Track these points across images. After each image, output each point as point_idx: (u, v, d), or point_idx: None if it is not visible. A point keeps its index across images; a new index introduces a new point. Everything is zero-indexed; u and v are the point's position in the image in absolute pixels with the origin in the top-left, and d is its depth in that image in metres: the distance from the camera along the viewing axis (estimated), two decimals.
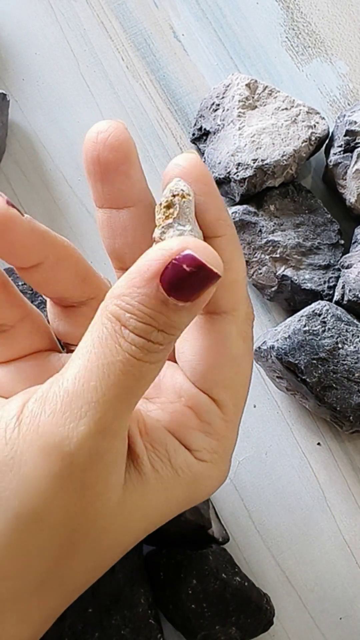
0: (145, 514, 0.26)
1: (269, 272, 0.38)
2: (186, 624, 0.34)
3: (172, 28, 0.43)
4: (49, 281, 0.28)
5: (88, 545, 0.25)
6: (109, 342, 0.24)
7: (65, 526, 0.24)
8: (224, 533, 0.37)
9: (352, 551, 0.38)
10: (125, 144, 0.26)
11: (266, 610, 0.35)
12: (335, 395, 0.36)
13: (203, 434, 0.27)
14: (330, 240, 0.39)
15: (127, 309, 0.24)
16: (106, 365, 0.24)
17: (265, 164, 0.38)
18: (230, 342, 0.27)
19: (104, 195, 0.27)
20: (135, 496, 0.25)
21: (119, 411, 0.24)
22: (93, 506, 0.24)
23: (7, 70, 0.42)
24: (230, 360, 0.27)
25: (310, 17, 0.43)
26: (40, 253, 0.27)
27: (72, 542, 0.25)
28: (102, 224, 0.28)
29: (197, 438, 0.27)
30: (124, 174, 0.26)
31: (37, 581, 0.25)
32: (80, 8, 0.43)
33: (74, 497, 0.24)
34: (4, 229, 0.26)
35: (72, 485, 0.24)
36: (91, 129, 0.26)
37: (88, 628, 0.33)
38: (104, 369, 0.24)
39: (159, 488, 0.26)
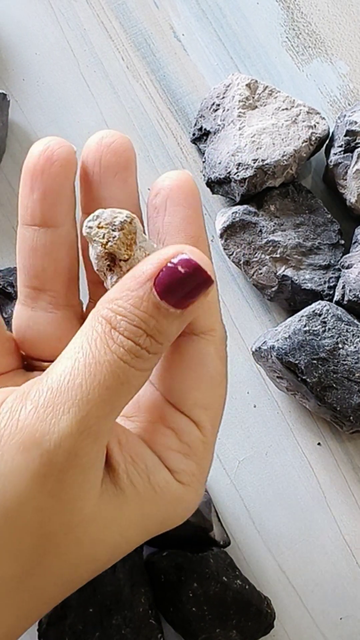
0: (120, 529, 0.25)
1: (269, 272, 0.38)
2: (186, 626, 0.34)
3: (172, 28, 0.43)
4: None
5: (61, 553, 0.24)
6: (97, 343, 0.24)
7: (37, 529, 0.24)
8: (225, 536, 0.37)
9: (352, 551, 0.38)
10: (128, 153, 0.26)
11: (267, 613, 0.35)
12: (336, 395, 0.36)
13: (182, 456, 0.26)
14: (330, 241, 0.39)
15: (119, 312, 0.24)
16: (93, 365, 0.23)
17: (265, 164, 0.38)
18: (209, 363, 0.27)
19: (96, 200, 0.27)
20: (111, 507, 0.25)
21: (102, 413, 0.23)
22: (67, 510, 0.24)
23: (7, 70, 0.42)
24: (209, 380, 0.27)
25: (310, 17, 0.43)
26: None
27: (44, 547, 0.24)
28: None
29: (177, 459, 0.26)
30: (121, 180, 0.26)
31: (9, 587, 0.24)
32: (80, 8, 0.43)
33: (49, 499, 0.23)
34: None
35: (48, 486, 0.23)
36: (96, 134, 0.26)
37: (89, 628, 0.33)
38: (91, 368, 0.23)
39: (136, 502, 0.25)
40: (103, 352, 0.23)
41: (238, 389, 0.39)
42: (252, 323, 0.40)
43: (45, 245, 0.27)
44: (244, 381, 0.39)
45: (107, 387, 0.23)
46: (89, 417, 0.23)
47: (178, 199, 0.26)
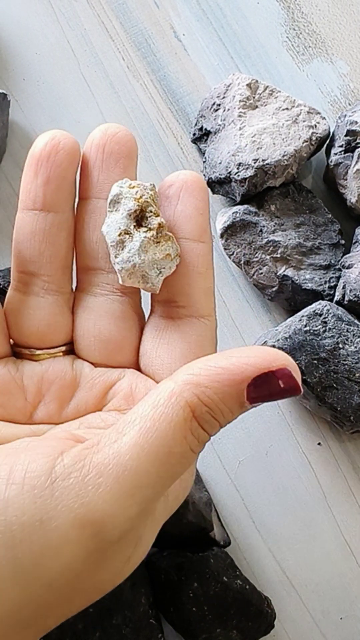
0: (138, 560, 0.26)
1: (269, 272, 0.38)
2: (187, 626, 0.34)
3: (173, 28, 0.43)
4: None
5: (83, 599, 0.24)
6: (176, 432, 0.23)
7: (70, 587, 0.23)
8: (225, 536, 0.37)
9: (353, 551, 0.38)
10: (130, 144, 0.28)
11: (267, 613, 0.35)
12: (336, 395, 0.36)
13: None
14: (331, 240, 0.39)
15: (207, 402, 0.23)
16: (165, 455, 0.23)
17: (266, 163, 0.38)
18: (206, 346, 0.28)
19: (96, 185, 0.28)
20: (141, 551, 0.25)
21: (158, 495, 0.23)
22: (103, 573, 0.24)
23: (8, 70, 0.42)
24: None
25: (310, 17, 0.43)
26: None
27: (70, 599, 0.24)
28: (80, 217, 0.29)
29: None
30: (122, 168, 0.28)
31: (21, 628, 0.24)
32: (80, 8, 0.43)
33: (91, 566, 0.23)
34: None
35: (93, 557, 0.23)
36: (101, 125, 0.28)
37: (89, 628, 0.33)
38: (162, 457, 0.23)
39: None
40: (180, 442, 0.23)
41: None
42: (253, 323, 0.40)
43: (44, 230, 0.28)
44: None
45: (172, 473, 0.23)
46: (149, 500, 0.23)
47: (192, 191, 0.28)
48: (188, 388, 0.23)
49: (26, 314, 0.29)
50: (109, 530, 0.22)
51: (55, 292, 0.29)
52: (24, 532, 0.22)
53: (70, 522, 0.22)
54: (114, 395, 0.28)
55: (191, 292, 0.28)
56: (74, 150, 0.28)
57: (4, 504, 0.22)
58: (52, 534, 0.22)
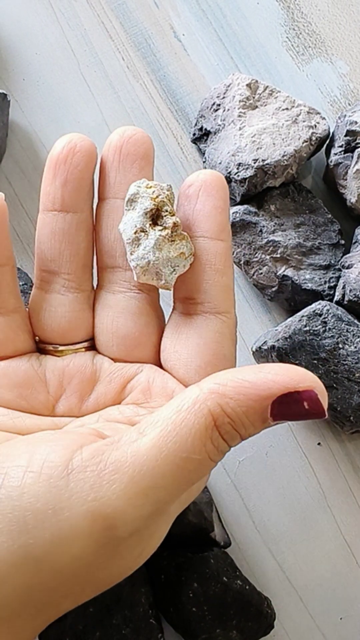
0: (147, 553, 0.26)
1: (269, 272, 0.38)
2: (187, 626, 0.34)
3: (173, 28, 0.43)
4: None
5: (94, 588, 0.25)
6: (196, 438, 0.23)
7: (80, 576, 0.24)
8: (225, 537, 0.37)
9: (353, 551, 0.38)
10: (147, 145, 0.29)
11: (267, 614, 0.35)
12: (336, 396, 0.36)
13: None
14: (330, 241, 0.39)
15: (229, 414, 0.24)
16: (183, 460, 0.23)
17: (265, 164, 0.38)
18: (223, 342, 0.28)
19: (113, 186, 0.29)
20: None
21: (173, 498, 0.24)
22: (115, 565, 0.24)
23: (8, 70, 0.42)
24: (222, 358, 0.28)
25: (310, 17, 0.43)
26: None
27: (81, 587, 0.24)
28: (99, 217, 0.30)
29: None
30: (138, 168, 0.29)
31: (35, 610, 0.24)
32: (80, 8, 0.43)
33: (102, 559, 0.23)
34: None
35: (104, 551, 0.23)
36: (119, 128, 0.29)
37: (89, 627, 0.33)
38: (180, 462, 0.23)
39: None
40: (198, 450, 0.23)
41: None
42: (252, 323, 0.40)
43: (64, 230, 0.29)
44: None
45: (188, 478, 0.24)
46: (163, 502, 0.23)
47: (211, 190, 0.28)
48: (213, 397, 0.24)
49: (48, 311, 0.30)
50: (120, 526, 0.23)
51: (75, 289, 0.30)
52: (36, 519, 0.23)
53: (82, 513, 0.23)
54: (132, 389, 0.29)
55: (209, 289, 0.28)
56: (90, 152, 0.29)
57: (19, 491, 0.23)
58: (63, 524, 0.23)
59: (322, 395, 0.24)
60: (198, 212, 0.28)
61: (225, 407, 0.24)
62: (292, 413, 0.24)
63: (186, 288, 0.29)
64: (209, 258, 0.28)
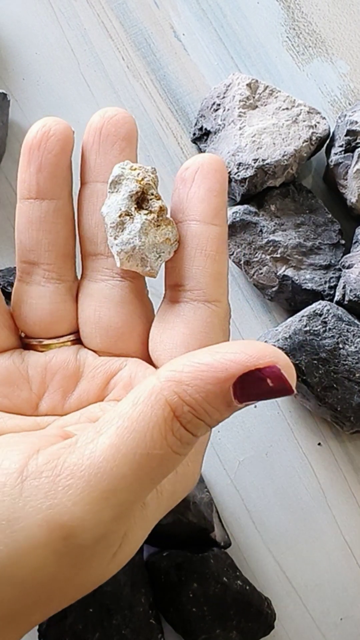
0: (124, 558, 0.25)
1: (269, 272, 0.38)
2: (187, 627, 0.34)
3: (173, 28, 0.43)
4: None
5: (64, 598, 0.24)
6: (155, 432, 0.22)
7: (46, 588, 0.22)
8: (226, 537, 0.37)
9: (353, 551, 0.38)
10: (128, 126, 0.27)
11: (267, 614, 0.35)
12: (336, 396, 0.36)
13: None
14: (331, 240, 0.39)
15: (188, 402, 0.22)
16: (144, 457, 0.22)
17: (266, 163, 0.38)
18: (211, 333, 0.26)
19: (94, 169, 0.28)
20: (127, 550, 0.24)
21: (138, 498, 0.22)
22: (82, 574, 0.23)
23: (8, 70, 0.42)
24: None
25: (311, 16, 0.43)
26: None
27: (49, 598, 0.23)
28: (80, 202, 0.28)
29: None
30: (119, 150, 0.27)
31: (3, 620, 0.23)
32: (80, 8, 0.43)
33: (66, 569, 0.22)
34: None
35: (67, 560, 0.22)
36: (101, 110, 0.27)
37: (89, 628, 0.33)
38: (141, 459, 0.22)
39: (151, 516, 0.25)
40: (159, 444, 0.22)
41: None
42: (253, 323, 0.40)
43: (40, 218, 0.28)
44: None
45: (151, 477, 0.22)
46: (127, 505, 0.22)
47: (207, 173, 0.27)
48: (169, 386, 0.22)
49: (29, 304, 0.28)
50: (79, 534, 0.21)
51: (56, 280, 0.28)
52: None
53: (38, 523, 0.21)
54: (115, 385, 0.28)
55: (198, 276, 0.27)
56: (65, 136, 0.27)
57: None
58: (18, 535, 0.21)
59: (286, 369, 0.22)
60: (192, 195, 0.27)
61: (183, 395, 0.22)
62: (256, 393, 0.22)
63: (175, 274, 0.27)
64: (200, 243, 0.27)
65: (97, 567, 0.23)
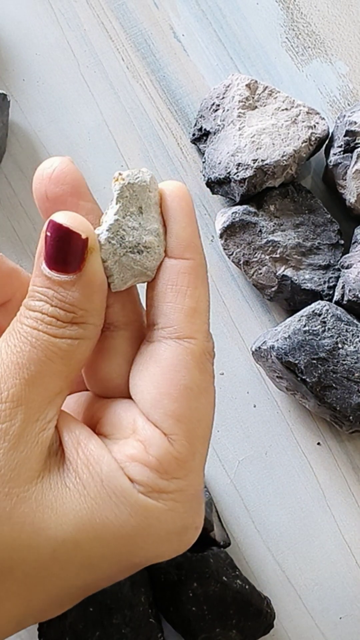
0: (59, 521, 0.24)
1: (269, 272, 0.38)
2: (186, 626, 0.34)
3: (172, 28, 0.43)
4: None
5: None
6: (14, 323, 0.25)
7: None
8: (225, 537, 0.37)
9: (352, 551, 0.38)
10: (70, 177, 0.26)
11: (267, 613, 0.35)
12: (335, 395, 0.36)
13: (148, 469, 0.25)
14: (330, 241, 0.39)
15: (30, 294, 0.25)
16: (13, 342, 0.25)
17: (265, 164, 0.38)
18: (184, 371, 0.25)
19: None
20: (51, 495, 0.24)
21: (32, 384, 0.24)
22: (6, 486, 0.24)
23: (8, 71, 0.43)
24: (183, 390, 0.25)
25: (310, 17, 0.44)
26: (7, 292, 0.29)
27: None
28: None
29: (139, 471, 0.25)
30: (73, 206, 0.26)
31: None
32: (80, 8, 0.43)
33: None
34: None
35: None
36: (38, 168, 0.26)
37: (89, 627, 0.33)
38: (12, 346, 0.25)
39: (84, 503, 0.25)
40: (18, 326, 0.25)
41: (238, 389, 0.39)
42: (252, 323, 0.40)
43: None
44: (244, 381, 0.39)
45: (31, 358, 0.24)
46: (24, 391, 0.24)
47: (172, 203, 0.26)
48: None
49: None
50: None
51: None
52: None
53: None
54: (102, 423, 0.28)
55: (169, 312, 0.26)
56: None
57: None
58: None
59: (61, 217, 0.24)
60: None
61: (29, 294, 0.25)
62: (54, 253, 0.24)
63: (151, 313, 0.27)
64: (170, 278, 0.26)
65: (20, 482, 0.25)
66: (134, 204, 0.26)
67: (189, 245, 0.26)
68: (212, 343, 0.27)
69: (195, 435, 0.26)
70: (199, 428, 0.26)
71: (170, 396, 0.25)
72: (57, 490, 0.25)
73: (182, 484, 0.25)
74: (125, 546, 0.25)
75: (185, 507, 0.26)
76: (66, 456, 0.25)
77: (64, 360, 0.25)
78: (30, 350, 0.25)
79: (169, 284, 0.26)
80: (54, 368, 0.25)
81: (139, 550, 0.25)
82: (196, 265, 0.26)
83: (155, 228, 0.26)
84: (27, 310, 0.25)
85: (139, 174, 0.26)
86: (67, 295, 0.25)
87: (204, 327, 0.26)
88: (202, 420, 0.26)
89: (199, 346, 0.26)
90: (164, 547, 0.26)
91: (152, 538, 0.25)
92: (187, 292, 0.26)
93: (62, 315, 0.25)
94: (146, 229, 0.26)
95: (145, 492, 0.25)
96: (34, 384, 0.25)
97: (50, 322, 0.25)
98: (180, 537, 0.26)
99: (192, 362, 0.26)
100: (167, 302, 0.26)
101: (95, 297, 0.25)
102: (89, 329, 0.25)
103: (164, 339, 0.26)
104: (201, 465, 0.26)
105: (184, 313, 0.26)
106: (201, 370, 0.26)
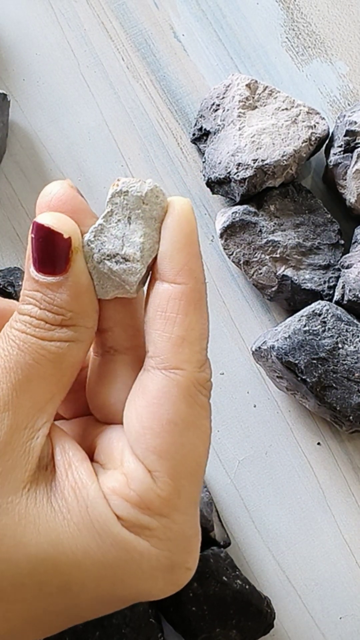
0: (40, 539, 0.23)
1: (269, 272, 0.38)
2: (186, 626, 0.34)
3: (173, 28, 0.43)
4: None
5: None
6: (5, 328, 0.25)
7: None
8: (225, 537, 0.37)
9: (352, 551, 0.38)
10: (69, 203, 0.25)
11: (267, 613, 0.35)
12: (335, 395, 0.36)
13: (129, 504, 0.24)
14: (330, 240, 0.39)
15: (21, 300, 0.25)
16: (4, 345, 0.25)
17: (265, 164, 0.38)
18: (167, 405, 0.24)
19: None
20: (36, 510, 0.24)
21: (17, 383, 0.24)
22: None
23: (8, 71, 0.43)
24: (166, 425, 0.24)
25: (310, 17, 0.44)
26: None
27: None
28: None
29: (121, 506, 0.24)
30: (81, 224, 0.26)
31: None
32: (80, 8, 0.43)
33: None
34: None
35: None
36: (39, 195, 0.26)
37: (89, 627, 0.33)
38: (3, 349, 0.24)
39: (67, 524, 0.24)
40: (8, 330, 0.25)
41: (238, 389, 0.39)
42: (252, 323, 0.40)
43: None
44: (244, 381, 0.39)
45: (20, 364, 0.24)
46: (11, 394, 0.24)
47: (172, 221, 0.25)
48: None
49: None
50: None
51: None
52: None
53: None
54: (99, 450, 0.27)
55: (157, 340, 0.25)
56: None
57: None
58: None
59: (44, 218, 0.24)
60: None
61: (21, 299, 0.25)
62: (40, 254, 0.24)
63: (145, 339, 0.25)
64: (160, 304, 0.24)
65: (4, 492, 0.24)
66: (123, 212, 0.25)
67: (182, 269, 0.24)
68: (207, 373, 0.25)
69: (180, 472, 0.24)
70: (184, 465, 0.24)
71: (153, 431, 0.24)
72: (41, 507, 0.24)
73: (166, 522, 0.24)
74: (106, 577, 0.24)
75: (170, 545, 0.25)
76: (56, 475, 0.25)
77: (54, 364, 0.24)
78: (18, 354, 0.24)
79: (158, 310, 0.25)
80: (43, 372, 0.24)
81: (120, 583, 0.24)
82: (189, 291, 0.24)
83: (139, 242, 0.25)
84: (17, 315, 0.25)
85: (137, 183, 0.25)
86: (54, 297, 0.24)
87: (195, 357, 0.25)
88: (188, 456, 0.25)
89: (186, 378, 0.24)
90: (148, 584, 0.25)
91: (134, 573, 0.24)
92: (176, 319, 0.24)
93: (51, 318, 0.24)
94: (129, 241, 0.25)
95: (127, 527, 0.24)
96: (21, 388, 0.24)
97: (39, 324, 0.24)
98: (168, 576, 0.25)
99: (178, 394, 0.24)
100: (155, 329, 0.25)
101: (83, 298, 0.25)
102: (80, 331, 0.25)
103: (152, 368, 0.25)
104: (189, 503, 0.25)
105: (171, 342, 0.24)
106: (189, 403, 0.24)
